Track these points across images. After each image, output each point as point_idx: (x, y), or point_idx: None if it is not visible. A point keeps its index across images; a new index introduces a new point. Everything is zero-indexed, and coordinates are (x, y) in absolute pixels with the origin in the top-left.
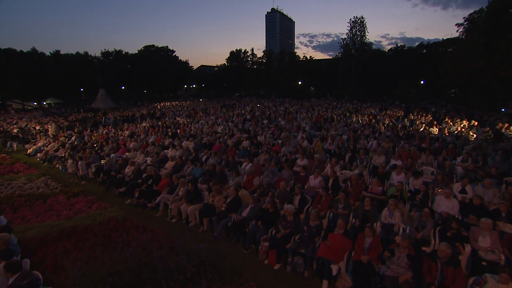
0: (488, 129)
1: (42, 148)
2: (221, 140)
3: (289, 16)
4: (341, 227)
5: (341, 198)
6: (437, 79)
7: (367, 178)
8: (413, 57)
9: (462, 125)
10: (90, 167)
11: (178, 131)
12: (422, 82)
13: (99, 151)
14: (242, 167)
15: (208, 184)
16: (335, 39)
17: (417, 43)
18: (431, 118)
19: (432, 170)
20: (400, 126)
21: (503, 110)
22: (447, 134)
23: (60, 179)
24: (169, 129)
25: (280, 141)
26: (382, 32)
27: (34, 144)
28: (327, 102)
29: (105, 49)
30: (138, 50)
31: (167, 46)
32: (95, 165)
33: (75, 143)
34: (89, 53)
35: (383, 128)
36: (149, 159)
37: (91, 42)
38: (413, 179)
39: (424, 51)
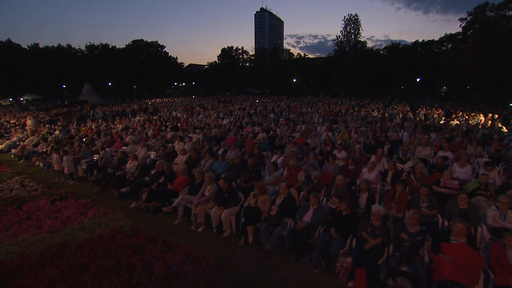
0: None
1: (17, 143)
2: (234, 132)
3: (278, 16)
4: (461, 234)
5: (423, 195)
6: (436, 76)
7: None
8: (410, 55)
9: (483, 118)
10: (80, 164)
11: (179, 124)
12: (418, 79)
13: (89, 146)
14: (273, 160)
15: (236, 181)
16: (322, 40)
17: (402, 44)
18: (443, 112)
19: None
20: (418, 119)
21: (511, 104)
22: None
23: (41, 178)
24: (168, 123)
25: (299, 134)
26: (367, 34)
27: (8, 139)
28: (325, 99)
29: (90, 42)
30: (126, 45)
31: (156, 41)
32: (86, 161)
33: (59, 137)
34: (73, 46)
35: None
36: (152, 154)
37: (75, 38)
38: (483, 171)
39: (419, 49)
